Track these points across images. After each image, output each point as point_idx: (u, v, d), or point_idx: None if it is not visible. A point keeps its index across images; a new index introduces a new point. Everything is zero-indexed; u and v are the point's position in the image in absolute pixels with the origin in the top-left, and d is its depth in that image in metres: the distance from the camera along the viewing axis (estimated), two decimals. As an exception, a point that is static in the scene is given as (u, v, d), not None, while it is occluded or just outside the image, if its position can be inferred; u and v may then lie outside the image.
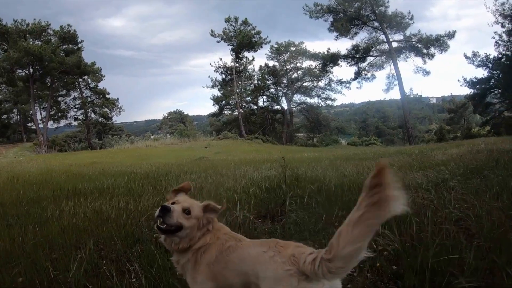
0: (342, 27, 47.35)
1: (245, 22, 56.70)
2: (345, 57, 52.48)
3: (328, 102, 63.15)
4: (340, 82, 59.56)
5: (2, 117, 63.63)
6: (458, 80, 40.91)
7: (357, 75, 54.01)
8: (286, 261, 1.93)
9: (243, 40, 55.73)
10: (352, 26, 49.26)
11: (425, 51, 48.08)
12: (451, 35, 46.05)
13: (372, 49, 51.08)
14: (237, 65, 60.92)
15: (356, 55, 51.45)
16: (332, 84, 61.08)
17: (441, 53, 47.46)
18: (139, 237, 4.61)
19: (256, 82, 65.29)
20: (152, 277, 3.42)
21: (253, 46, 57.51)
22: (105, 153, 37.44)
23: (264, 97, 66.02)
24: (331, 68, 57.33)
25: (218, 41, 57.53)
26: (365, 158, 14.59)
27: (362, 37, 53.28)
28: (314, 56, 57.86)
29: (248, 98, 66.18)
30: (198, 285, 2.29)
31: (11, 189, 9.41)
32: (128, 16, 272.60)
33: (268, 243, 2.13)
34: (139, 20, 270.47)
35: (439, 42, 46.50)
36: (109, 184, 9.23)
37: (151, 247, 4.02)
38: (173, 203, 2.39)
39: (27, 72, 48.18)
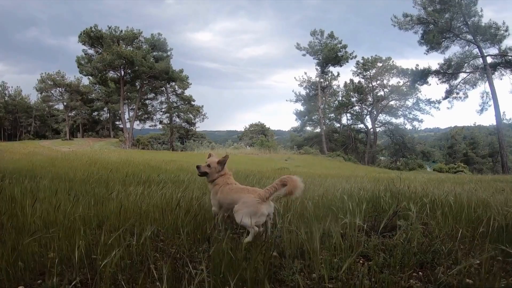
0: (434, 38, 43.24)
1: (331, 35, 55.08)
2: (437, 73, 47.74)
3: (415, 123, 58.40)
4: (429, 101, 54.77)
5: (94, 113, 70.31)
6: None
7: (448, 93, 48.48)
8: (253, 196, 3.80)
9: (328, 54, 54.08)
10: (443, 39, 44.76)
11: (523, 68, 41.77)
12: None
13: (465, 64, 45.61)
14: (321, 80, 59.53)
15: (448, 71, 46.60)
16: (420, 104, 56.43)
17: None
18: (212, 235, 3.66)
19: (340, 98, 62.90)
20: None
21: (338, 60, 55.49)
22: (185, 154, 38.58)
23: (348, 114, 63.58)
24: (420, 86, 52.60)
25: (304, 55, 56.64)
26: (462, 182, 12.89)
27: (454, 51, 48.43)
28: (402, 72, 53.54)
29: (332, 115, 64.32)
30: (213, 199, 4.17)
31: (85, 170, 9.32)
32: (214, 31, 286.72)
33: (246, 188, 4.05)
34: (224, 35, 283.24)
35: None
36: (185, 178, 8.82)
37: (227, 249, 2.90)
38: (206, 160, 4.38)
39: (118, 74, 52.15)
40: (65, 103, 66.44)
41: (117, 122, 72.81)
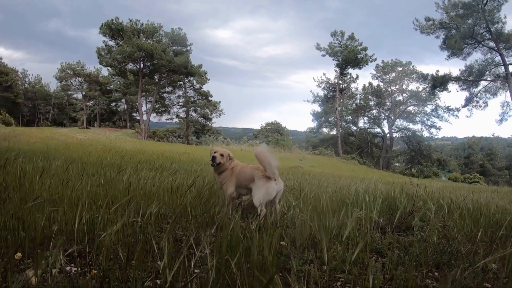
0: (455, 44, 42.20)
1: (352, 37, 54.50)
2: (457, 79, 46.47)
3: (432, 130, 57.50)
4: (448, 109, 53.94)
5: (111, 104, 71.27)
6: None
7: (468, 101, 47.53)
8: (262, 173, 4.18)
9: (348, 56, 53.48)
10: (465, 45, 43.59)
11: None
12: None
13: (487, 72, 44.57)
14: (340, 81, 58.94)
15: (469, 78, 45.36)
16: (439, 111, 55.59)
17: None
18: (222, 221, 3.39)
19: (358, 101, 62.70)
20: (228, 273, 2.22)
21: (358, 63, 54.79)
22: (200, 148, 38.55)
23: (365, 118, 63.22)
24: (440, 92, 51.31)
25: (323, 55, 56.09)
26: (478, 191, 12.52)
27: (475, 58, 46.84)
28: (422, 77, 51.91)
29: (349, 118, 63.79)
30: (229, 185, 4.41)
31: (98, 155, 9.39)
32: (234, 29, 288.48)
33: (255, 167, 4.36)
34: (244, 33, 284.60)
35: None
36: (198, 168, 8.85)
37: (233, 229, 2.76)
38: (215, 152, 4.59)
39: (137, 66, 52.54)
40: (83, 93, 67.47)
41: (134, 114, 73.74)
